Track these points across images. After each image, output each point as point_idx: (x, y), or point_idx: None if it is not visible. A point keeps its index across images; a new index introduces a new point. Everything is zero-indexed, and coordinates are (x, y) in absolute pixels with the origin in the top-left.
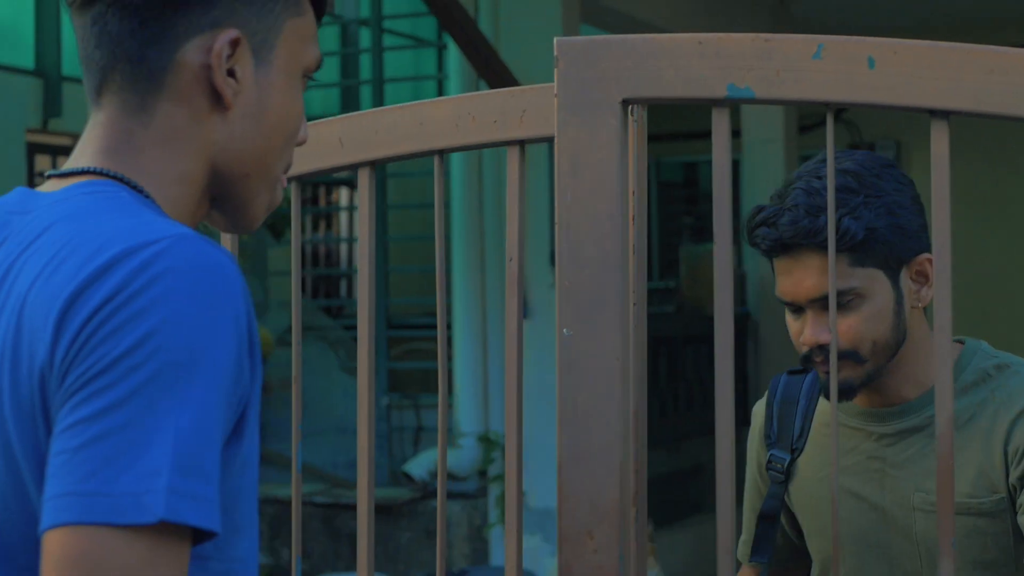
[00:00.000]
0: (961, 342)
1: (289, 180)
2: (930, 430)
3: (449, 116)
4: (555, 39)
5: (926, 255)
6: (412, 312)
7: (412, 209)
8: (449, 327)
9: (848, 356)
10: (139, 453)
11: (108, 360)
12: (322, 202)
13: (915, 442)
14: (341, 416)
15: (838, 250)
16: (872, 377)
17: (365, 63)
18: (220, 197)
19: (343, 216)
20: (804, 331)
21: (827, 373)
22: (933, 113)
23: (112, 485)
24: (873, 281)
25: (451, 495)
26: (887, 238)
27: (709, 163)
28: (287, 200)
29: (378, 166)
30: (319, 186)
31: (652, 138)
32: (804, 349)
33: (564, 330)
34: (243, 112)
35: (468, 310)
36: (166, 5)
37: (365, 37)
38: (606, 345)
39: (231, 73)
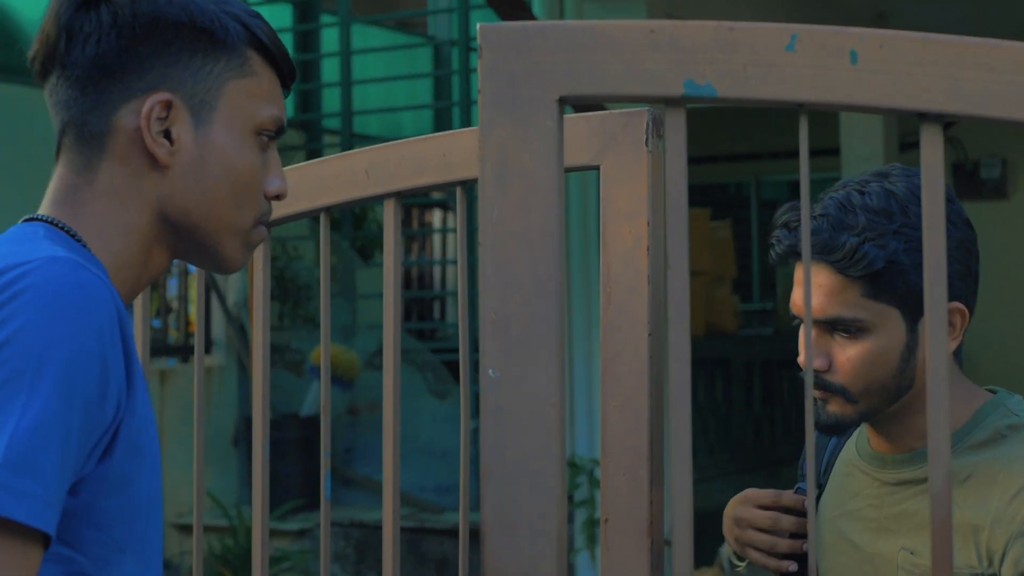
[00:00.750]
0: (993, 392)
1: (324, 210)
2: (927, 486)
3: (470, 147)
4: (478, 24)
5: (956, 304)
6: None
7: None
8: None
9: (838, 392)
10: None
11: None
12: (414, 224)
13: (910, 496)
14: (428, 440)
15: (853, 276)
16: (867, 417)
17: (457, 84)
18: (180, 247)
19: (436, 238)
20: (801, 351)
21: (820, 401)
22: (924, 117)
23: None
24: (885, 319)
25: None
26: (912, 276)
27: (815, 181)
28: (375, 224)
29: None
30: (411, 208)
31: (752, 156)
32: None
33: (489, 371)
34: (183, 169)
35: (581, 331)
36: (103, 74)
37: (456, 58)
38: (540, 388)
39: (167, 133)
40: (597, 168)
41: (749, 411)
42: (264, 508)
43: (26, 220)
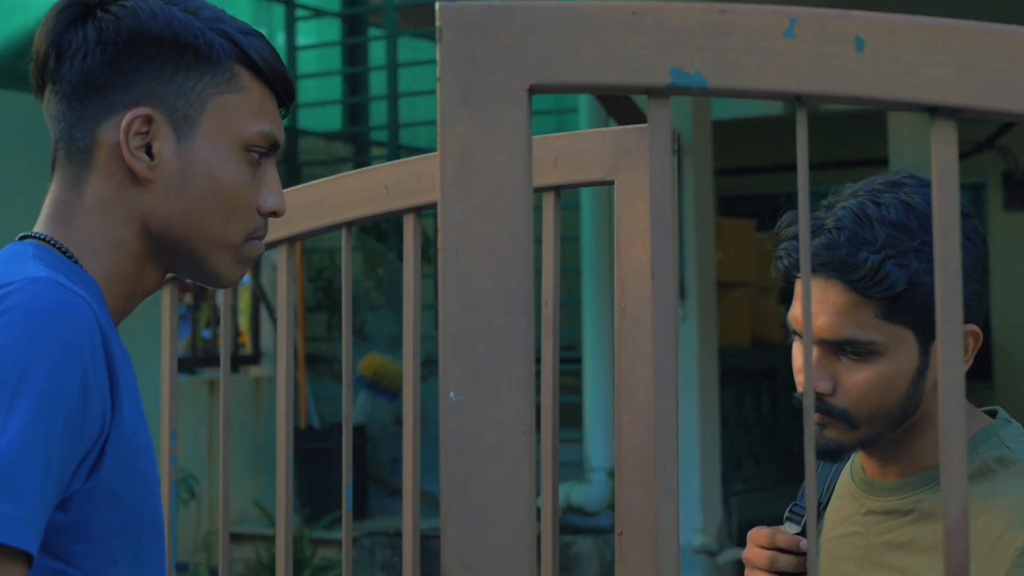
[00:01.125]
0: (993, 414)
1: (346, 224)
2: (913, 517)
3: None
4: (437, 4)
5: (972, 326)
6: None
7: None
8: (580, 361)
9: (841, 417)
10: None
11: None
12: None
13: (893, 528)
14: None
15: (871, 296)
16: (867, 444)
17: None
18: (171, 261)
19: None
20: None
21: (819, 426)
22: (935, 111)
23: None
24: (899, 341)
25: (582, 530)
26: (932, 298)
27: None
28: (424, 236)
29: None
30: None
31: (815, 166)
32: (801, 390)
33: (450, 394)
34: (166, 184)
35: (599, 345)
36: (88, 89)
37: None
38: (507, 413)
39: (149, 148)
40: (611, 183)
41: (796, 422)
42: (288, 521)
43: (21, 238)
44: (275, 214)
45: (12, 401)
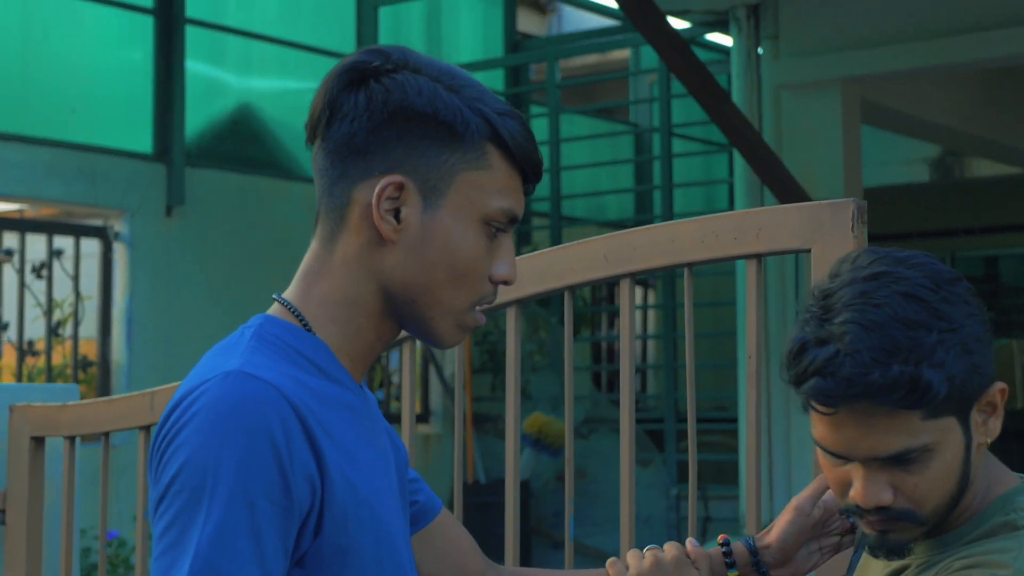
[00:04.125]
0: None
1: (568, 288)
2: (936, 571)
3: (696, 233)
4: None
5: (999, 385)
6: (701, 406)
7: (703, 308)
8: (735, 420)
9: (906, 517)
10: (179, 566)
11: (162, 488)
12: (617, 300)
13: None
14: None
15: (911, 407)
16: (930, 533)
17: (658, 169)
18: (401, 319)
19: (637, 314)
20: (857, 488)
21: (879, 532)
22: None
23: None
24: (946, 432)
25: None
26: (967, 383)
27: (1011, 256)
28: (581, 300)
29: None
30: (615, 285)
31: (947, 232)
32: (850, 503)
33: None
34: (408, 246)
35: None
36: (351, 151)
37: (658, 144)
38: None
39: (398, 212)
40: (808, 251)
41: None
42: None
43: (274, 297)
44: (506, 282)
45: (210, 499)
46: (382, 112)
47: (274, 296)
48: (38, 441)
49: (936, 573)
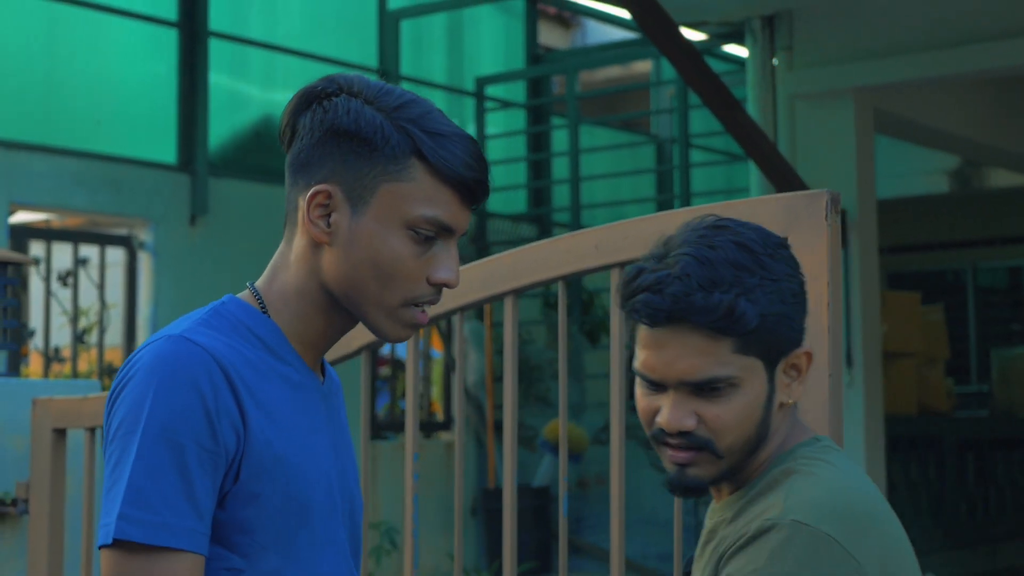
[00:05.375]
0: (819, 439)
1: (562, 278)
2: (723, 533)
3: (682, 224)
4: None
5: (804, 349)
6: None
7: None
8: None
9: (706, 447)
10: (114, 497)
11: (108, 438)
12: None
13: (712, 542)
14: (651, 510)
15: (725, 333)
16: (726, 476)
17: (677, 179)
18: (349, 312)
19: None
20: (664, 412)
21: (677, 464)
22: None
23: (103, 520)
24: (751, 372)
25: None
26: (776, 328)
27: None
28: (601, 309)
29: None
30: None
31: (968, 243)
32: (655, 428)
33: None
34: (339, 247)
35: None
36: (299, 164)
37: (677, 154)
38: None
39: (329, 217)
40: (785, 239)
41: (963, 489)
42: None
43: (247, 285)
44: (446, 285)
45: (140, 441)
46: (320, 130)
47: (249, 284)
48: (60, 433)
49: (730, 533)
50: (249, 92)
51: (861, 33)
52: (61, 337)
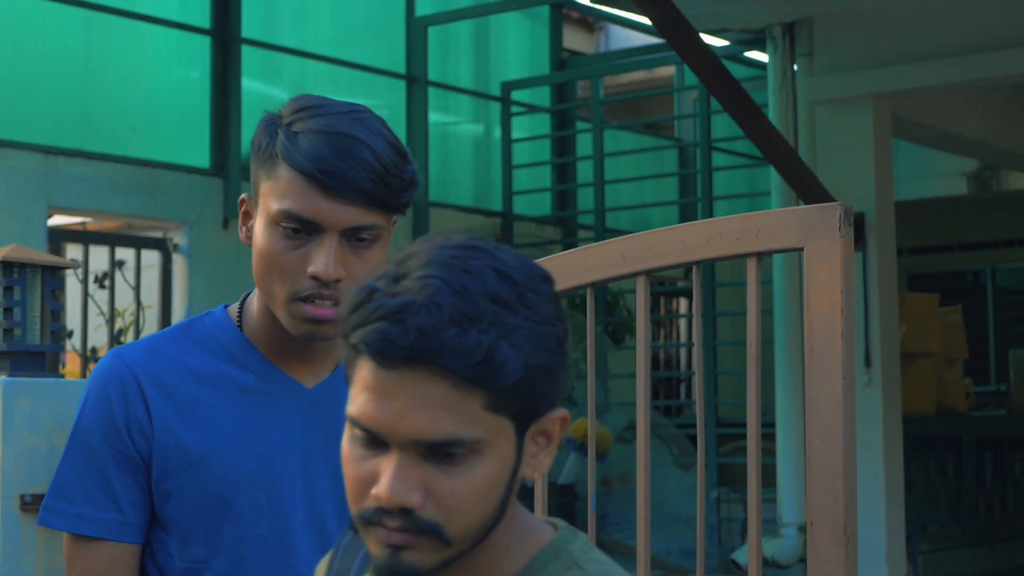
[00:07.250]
0: (555, 526)
1: (590, 285)
2: None
3: (703, 234)
4: None
5: (560, 413)
6: (739, 412)
7: (740, 316)
8: (773, 425)
9: (431, 531)
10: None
11: None
12: (661, 310)
13: None
14: (674, 507)
15: (478, 383)
16: (448, 565)
17: (700, 182)
18: None
19: (682, 323)
20: (384, 481)
21: (392, 547)
22: None
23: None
24: (500, 436)
25: None
26: (537, 383)
27: None
28: (625, 310)
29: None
30: (659, 296)
31: (989, 244)
32: (369, 504)
33: None
34: (253, 251)
35: (789, 407)
36: (249, 179)
37: (700, 158)
38: None
39: (249, 223)
40: (801, 249)
41: (981, 488)
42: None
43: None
44: (316, 278)
45: (69, 440)
46: (254, 148)
47: (246, 293)
48: None
49: None
50: (280, 97)
51: (880, 40)
52: (98, 338)
